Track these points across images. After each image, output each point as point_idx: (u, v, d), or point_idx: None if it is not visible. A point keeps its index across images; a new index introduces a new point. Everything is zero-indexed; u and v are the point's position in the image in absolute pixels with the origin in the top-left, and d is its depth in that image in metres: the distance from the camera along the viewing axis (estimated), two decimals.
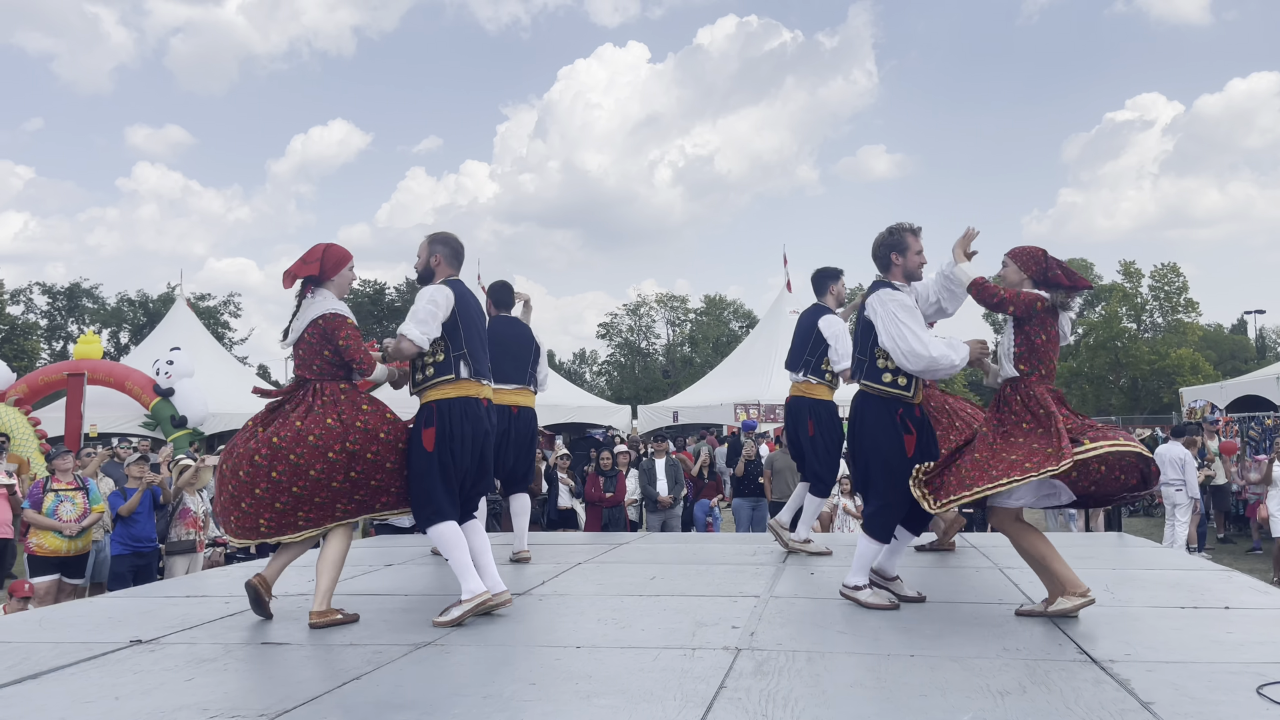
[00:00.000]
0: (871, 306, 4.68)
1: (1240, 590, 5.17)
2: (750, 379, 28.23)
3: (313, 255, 4.71)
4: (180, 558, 9.19)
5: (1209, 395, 20.18)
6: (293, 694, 3.43)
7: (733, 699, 3.24)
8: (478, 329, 4.82)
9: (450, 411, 4.60)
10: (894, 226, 4.84)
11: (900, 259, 4.78)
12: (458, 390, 4.64)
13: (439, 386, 4.65)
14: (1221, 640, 4.02)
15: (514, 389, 6.44)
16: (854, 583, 4.73)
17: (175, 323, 28.63)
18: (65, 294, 57.24)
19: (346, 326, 4.56)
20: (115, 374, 20.59)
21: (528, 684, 3.50)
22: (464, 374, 4.66)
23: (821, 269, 6.63)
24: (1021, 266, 4.53)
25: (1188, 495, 11.73)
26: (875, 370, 4.68)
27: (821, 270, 6.62)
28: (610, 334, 70.06)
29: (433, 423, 4.58)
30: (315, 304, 4.62)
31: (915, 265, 4.81)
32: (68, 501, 8.70)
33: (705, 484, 13.05)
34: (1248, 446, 15.15)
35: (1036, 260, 4.50)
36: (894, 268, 4.80)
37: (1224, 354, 57.15)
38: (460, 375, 4.66)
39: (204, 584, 6.29)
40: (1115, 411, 45.82)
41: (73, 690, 3.59)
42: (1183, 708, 3.07)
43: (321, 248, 4.74)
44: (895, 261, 4.79)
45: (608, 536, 8.75)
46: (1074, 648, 3.89)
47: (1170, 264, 52.66)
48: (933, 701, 3.19)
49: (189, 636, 4.47)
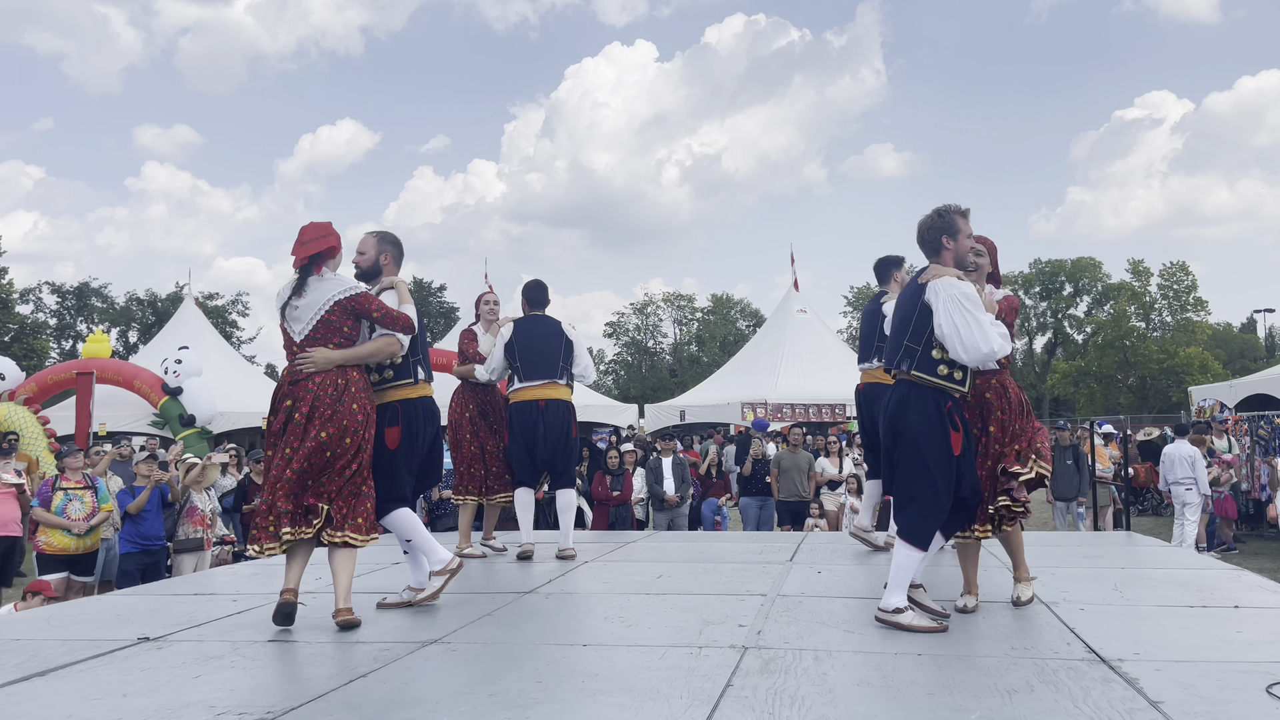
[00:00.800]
0: (934, 291, 4.28)
1: (1250, 589, 5.15)
2: (757, 378, 28.22)
3: (322, 230, 4.67)
4: (188, 556, 9.22)
5: (1218, 394, 20.08)
6: (300, 691, 3.43)
7: (739, 697, 3.23)
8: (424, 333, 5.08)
9: (414, 411, 4.89)
10: (942, 208, 4.49)
11: (951, 243, 4.43)
12: (418, 391, 4.94)
13: (401, 388, 4.88)
14: (1231, 639, 4.00)
15: (542, 384, 6.46)
16: (893, 604, 4.27)
17: (183, 322, 28.74)
18: (74, 293, 57.51)
19: (373, 300, 4.64)
20: (124, 373, 20.68)
21: (534, 682, 3.50)
22: (421, 377, 4.97)
23: (884, 257, 6.55)
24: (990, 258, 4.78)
25: (1199, 493, 11.69)
26: (930, 361, 4.29)
27: (884, 259, 6.55)
28: (617, 333, 70.09)
29: (398, 422, 4.82)
30: (328, 283, 4.59)
31: (965, 250, 4.48)
32: (76, 500, 8.73)
33: (713, 483, 13.05)
34: (1257, 446, 15.08)
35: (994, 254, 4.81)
36: (944, 252, 4.44)
37: (1233, 353, 56.94)
38: (418, 379, 4.96)
39: (211, 582, 6.30)
40: (1124, 410, 45.68)
41: (80, 687, 3.60)
42: (1192, 707, 3.06)
43: (327, 224, 4.72)
44: (946, 245, 4.43)
45: (615, 535, 8.76)
46: (1082, 646, 3.87)
47: (1179, 262, 52.55)
48: (940, 700, 3.18)
49: (196, 634, 4.48)
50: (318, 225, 4.70)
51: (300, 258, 4.61)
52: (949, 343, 4.22)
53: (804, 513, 11.31)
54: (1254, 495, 14.83)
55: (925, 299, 4.30)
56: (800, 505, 11.40)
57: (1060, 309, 58.78)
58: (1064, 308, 58.81)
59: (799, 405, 25.59)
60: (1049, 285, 58.45)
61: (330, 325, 4.56)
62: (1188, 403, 24.56)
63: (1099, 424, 13.83)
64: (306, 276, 4.60)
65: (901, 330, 4.42)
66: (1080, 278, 58.45)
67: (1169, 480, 12.07)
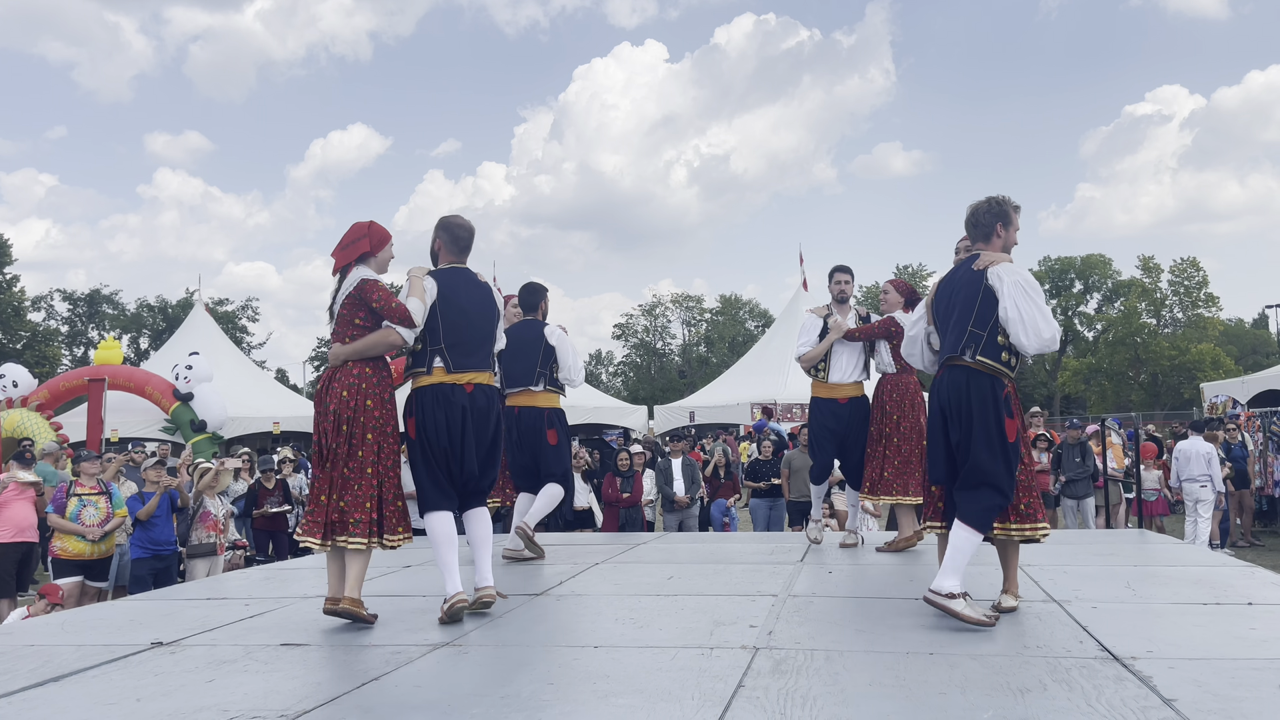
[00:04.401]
0: (998, 276, 4.27)
1: (1263, 586, 5.11)
2: (767, 378, 28.18)
3: (357, 233, 4.70)
4: (201, 560, 9.25)
5: (1230, 390, 19.98)
6: (312, 694, 3.44)
7: (751, 698, 3.23)
8: (462, 322, 4.73)
9: (423, 399, 4.67)
10: (998, 198, 4.54)
11: (1004, 231, 4.50)
12: (430, 380, 4.68)
13: (417, 377, 4.74)
14: (1244, 636, 3.98)
15: (518, 391, 6.49)
16: (948, 588, 4.17)
17: (194, 327, 28.87)
18: (85, 300, 57.81)
19: (378, 288, 4.59)
20: (135, 379, 20.77)
21: (546, 684, 3.50)
22: (437, 366, 4.66)
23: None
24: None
25: (1214, 489, 11.63)
26: (995, 347, 4.27)
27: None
28: (626, 335, 70.11)
29: (412, 413, 4.70)
30: (350, 278, 4.64)
31: (1013, 242, 4.56)
32: (91, 506, 8.78)
33: (722, 484, 13.03)
34: (1270, 442, 15.00)
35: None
36: (995, 239, 4.50)
37: (1245, 349, 56.68)
38: (432, 369, 4.68)
39: (224, 586, 6.32)
40: (1135, 408, 45.50)
41: (94, 692, 3.61)
42: (1205, 704, 3.04)
43: (364, 225, 4.72)
44: (999, 233, 4.50)
45: (625, 537, 8.76)
46: (1095, 645, 3.86)
47: (1190, 258, 52.31)
48: (952, 699, 3.17)
49: (209, 638, 4.50)
50: (356, 227, 4.74)
51: (335, 266, 4.71)
52: (1013, 328, 4.22)
53: None
54: (1268, 492, 14.76)
55: (989, 283, 4.29)
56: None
57: (1070, 306, 58.56)
58: (1074, 305, 58.59)
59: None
60: (1059, 282, 58.23)
61: (343, 319, 4.61)
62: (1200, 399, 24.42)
63: (1111, 421, 13.78)
64: (343, 279, 4.68)
65: (965, 316, 4.36)
66: (1090, 275, 58.23)
67: (1181, 477, 12.01)
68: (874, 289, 62.75)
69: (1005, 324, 4.24)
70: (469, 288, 4.81)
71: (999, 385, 4.28)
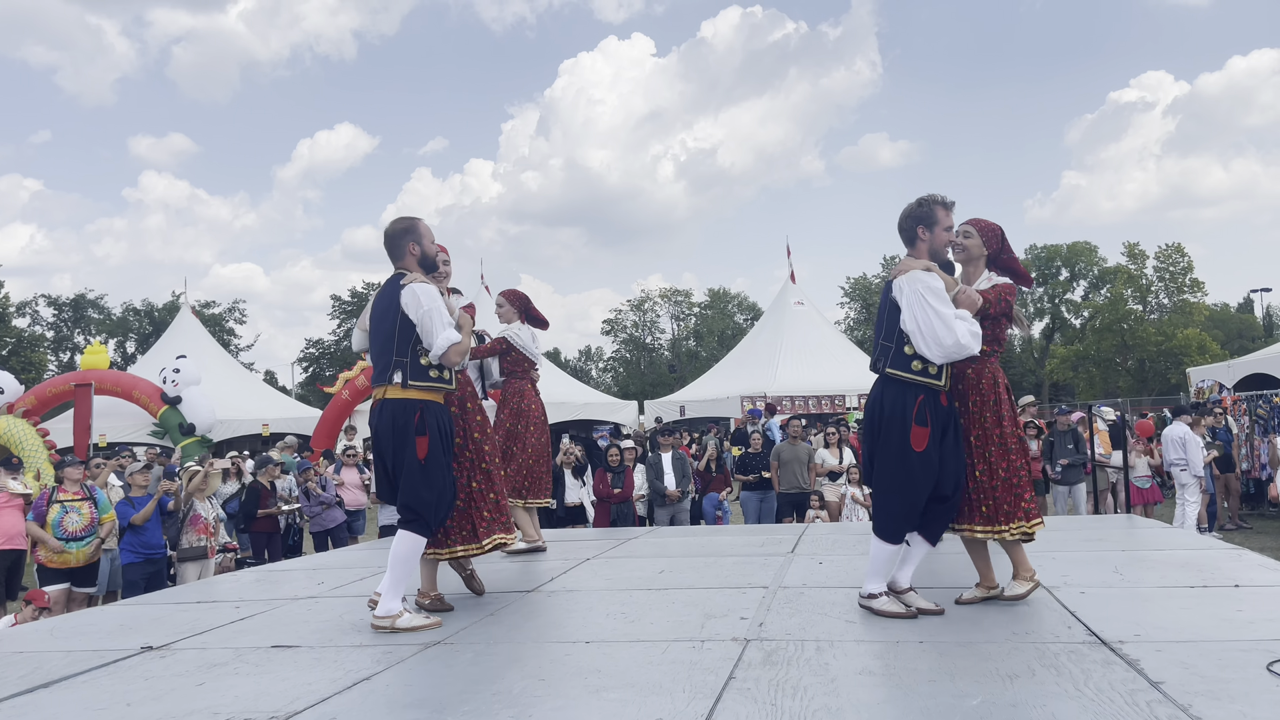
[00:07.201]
0: (899, 287, 4.22)
1: (1250, 568, 5.16)
2: (756, 371, 28.24)
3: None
4: (191, 564, 9.22)
5: (1216, 375, 20.06)
6: (303, 695, 3.44)
7: (742, 689, 3.24)
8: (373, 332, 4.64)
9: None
10: (924, 198, 4.36)
11: (927, 234, 4.31)
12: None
13: None
14: (1231, 618, 4.01)
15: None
16: (869, 589, 4.38)
17: (180, 330, 28.76)
18: (71, 305, 57.45)
19: None
20: (122, 383, 20.67)
21: (537, 680, 3.51)
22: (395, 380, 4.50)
23: None
24: (985, 241, 4.55)
25: (1191, 474, 11.71)
26: (903, 357, 4.22)
27: None
28: (615, 330, 70.05)
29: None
30: None
31: (942, 243, 4.35)
32: (74, 512, 8.70)
33: (713, 477, 13.05)
34: (1256, 425, 15.10)
35: (996, 237, 4.56)
36: (919, 243, 4.33)
37: (1231, 333, 56.95)
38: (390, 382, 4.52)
39: (215, 590, 6.30)
40: (1123, 394, 45.70)
41: (84, 698, 3.60)
42: (1193, 686, 3.07)
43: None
44: (921, 236, 4.32)
45: (616, 532, 8.76)
46: (1083, 629, 3.88)
47: (1175, 244, 52.39)
48: (942, 687, 3.19)
49: (200, 642, 4.49)
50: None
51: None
52: (914, 339, 4.18)
53: (805, 504, 11.32)
54: (1254, 475, 14.86)
55: (892, 295, 4.27)
56: (801, 497, 11.41)
57: (1057, 294, 58.75)
58: (1061, 292, 58.77)
59: (798, 397, 25.61)
60: (1045, 270, 58.39)
61: None
62: (1186, 384, 24.54)
63: (1098, 407, 13.84)
64: None
65: (878, 328, 4.40)
66: (1076, 262, 58.41)
67: (1166, 461, 12.10)
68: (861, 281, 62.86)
69: (909, 335, 4.19)
70: (380, 295, 4.64)
71: (912, 395, 4.22)
